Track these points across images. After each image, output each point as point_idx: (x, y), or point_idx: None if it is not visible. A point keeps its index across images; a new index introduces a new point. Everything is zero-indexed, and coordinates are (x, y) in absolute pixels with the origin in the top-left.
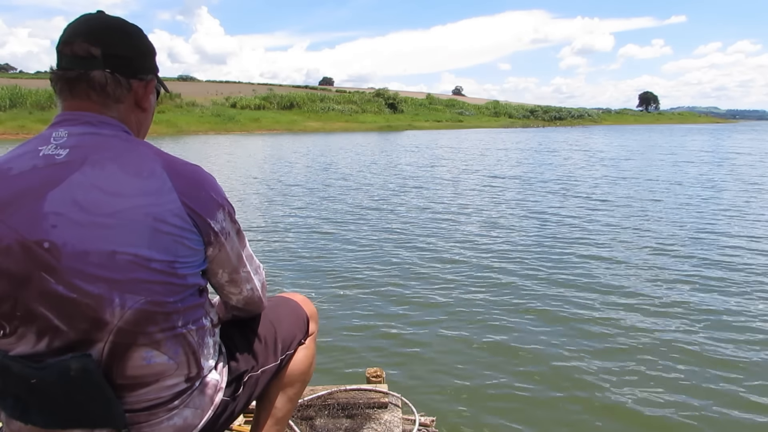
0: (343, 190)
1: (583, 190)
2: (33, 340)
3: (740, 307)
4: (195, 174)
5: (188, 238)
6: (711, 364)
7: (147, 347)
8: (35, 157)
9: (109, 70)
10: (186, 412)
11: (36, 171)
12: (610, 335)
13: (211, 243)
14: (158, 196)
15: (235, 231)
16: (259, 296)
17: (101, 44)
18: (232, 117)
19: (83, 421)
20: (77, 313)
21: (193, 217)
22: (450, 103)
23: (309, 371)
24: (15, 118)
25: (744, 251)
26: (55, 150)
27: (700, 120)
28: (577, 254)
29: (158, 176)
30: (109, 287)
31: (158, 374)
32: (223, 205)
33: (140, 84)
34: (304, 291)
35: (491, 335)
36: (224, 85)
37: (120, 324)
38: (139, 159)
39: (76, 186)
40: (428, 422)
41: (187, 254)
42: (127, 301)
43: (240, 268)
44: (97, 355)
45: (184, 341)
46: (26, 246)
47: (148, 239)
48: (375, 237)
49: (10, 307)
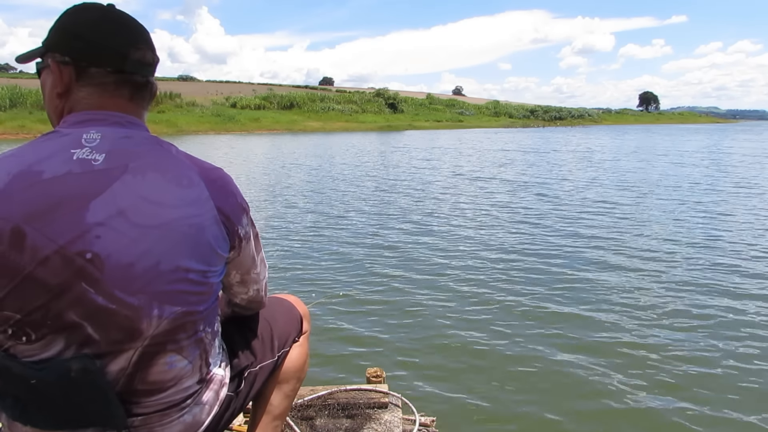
0: (342, 190)
1: (582, 191)
2: (60, 347)
3: (745, 308)
4: (224, 180)
5: (221, 247)
6: (713, 366)
7: (172, 353)
8: (69, 160)
9: (150, 75)
10: (195, 409)
11: (73, 177)
12: (610, 337)
13: (235, 247)
14: (199, 206)
15: (254, 235)
16: (262, 296)
17: (154, 52)
18: (232, 117)
19: (83, 422)
20: (113, 324)
21: (226, 225)
22: (450, 102)
23: (303, 368)
24: (15, 118)
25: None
26: (90, 154)
27: (700, 120)
28: (578, 255)
29: (197, 185)
30: (149, 299)
31: (176, 378)
32: (246, 209)
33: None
34: (304, 291)
35: (491, 336)
36: (224, 84)
37: (154, 333)
38: (177, 166)
39: (120, 195)
40: (428, 422)
41: (218, 262)
42: (165, 311)
43: (252, 270)
44: (125, 362)
45: (201, 344)
46: (67, 257)
47: (191, 250)
48: (375, 237)
49: (41, 316)
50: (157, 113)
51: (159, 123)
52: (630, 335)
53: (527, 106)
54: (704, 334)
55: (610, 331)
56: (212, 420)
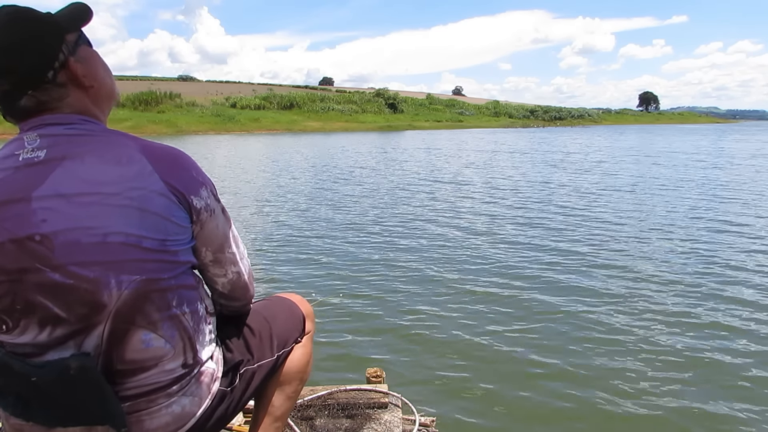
0: (342, 191)
1: (582, 192)
2: (35, 330)
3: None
4: (174, 155)
5: (176, 215)
6: (718, 369)
7: (145, 329)
8: (16, 161)
9: (31, 91)
10: (184, 400)
11: (18, 173)
12: (611, 337)
13: (197, 220)
14: (140, 180)
15: (220, 209)
16: (245, 282)
17: (5, 75)
18: (231, 117)
19: (83, 419)
20: (75, 299)
21: (177, 195)
22: (450, 103)
23: (306, 369)
24: None
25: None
26: (32, 153)
27: (700, 120)
28: (579, 256)
29: (137, 161)
30: (104, 269)
31: (157, 358)
32: (205, 183)
33: (64, 71)
34: (304, 290)
35: (492, 336)
36: (224, 85)
37: (118, 305)
38: (117, 148)
39: (60, 180)
40: (428, 422)
41: (177, 231)
42: (123, 281)
43: (225, 248)
44: (98, 339)
45: (179, 324)
46: (18, 242)
47: (138, 220)
48: (375, 237)
49: (10, 301)
50: (157, 113)
51: (159, 123)
52: (633, 336)
53: (527, 106)
54: (703, 333)
55: (611, 331)
56: (204, 413)
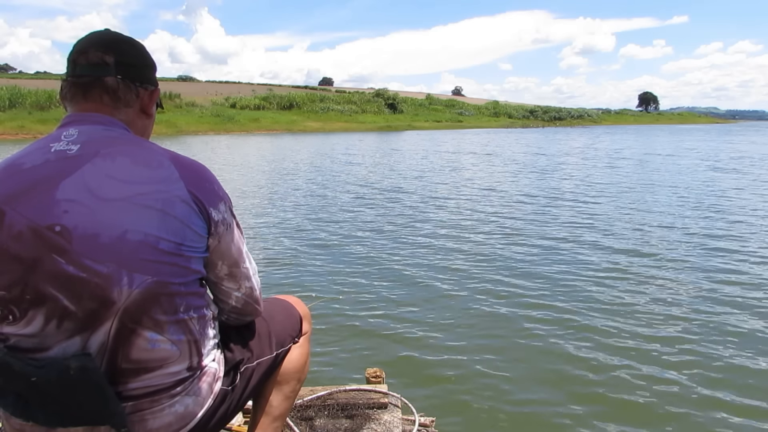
0: (341, 191)
1: (584, 193)
2: (41, 322)
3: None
4: (199, 168)
5: (195, 224)
6: (718, 372)
7: (151, 330)
8: (47, 152)
9: (120, 77)
10: (187, 399)
11: (48, 164)
12: (611, 337)
13: (214, 233)
14: (167, 184)
15: (236, 224)
16: (257, 297)
17: (114, 53)
18: (231, 117)
19: (83, 419)
20: (86, 292)
21: (198, 205)
22: (450, 103)
23: (304, 369)
24: (14, 118)
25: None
26: (66, 146)
27: (700, 120)
28: (580, 257)
29: (166, 167)
30: (118, 266)
31: (161, 360)
32: (224, 198)
33: (146, 92)
34: (304, 291)
35: (491, 336)
36: (224, 85)
37: (127, 303)
38: (149, 153)
39: (88, 175)
40: (428, 422)
41: (193, 239)
42: (134, 280)
43: (240, 263)
44: (104, 336)
45: (186, 328)
46: (37, 231)
47: (158, 221)
48: (375, 237)
49: (20, 291)
50: (157, 113)
51: (158, 123)
52: (634, 336)
53: (527, 106)
54: (701, 334)
55: (614, 335)
56: (206, 413)
